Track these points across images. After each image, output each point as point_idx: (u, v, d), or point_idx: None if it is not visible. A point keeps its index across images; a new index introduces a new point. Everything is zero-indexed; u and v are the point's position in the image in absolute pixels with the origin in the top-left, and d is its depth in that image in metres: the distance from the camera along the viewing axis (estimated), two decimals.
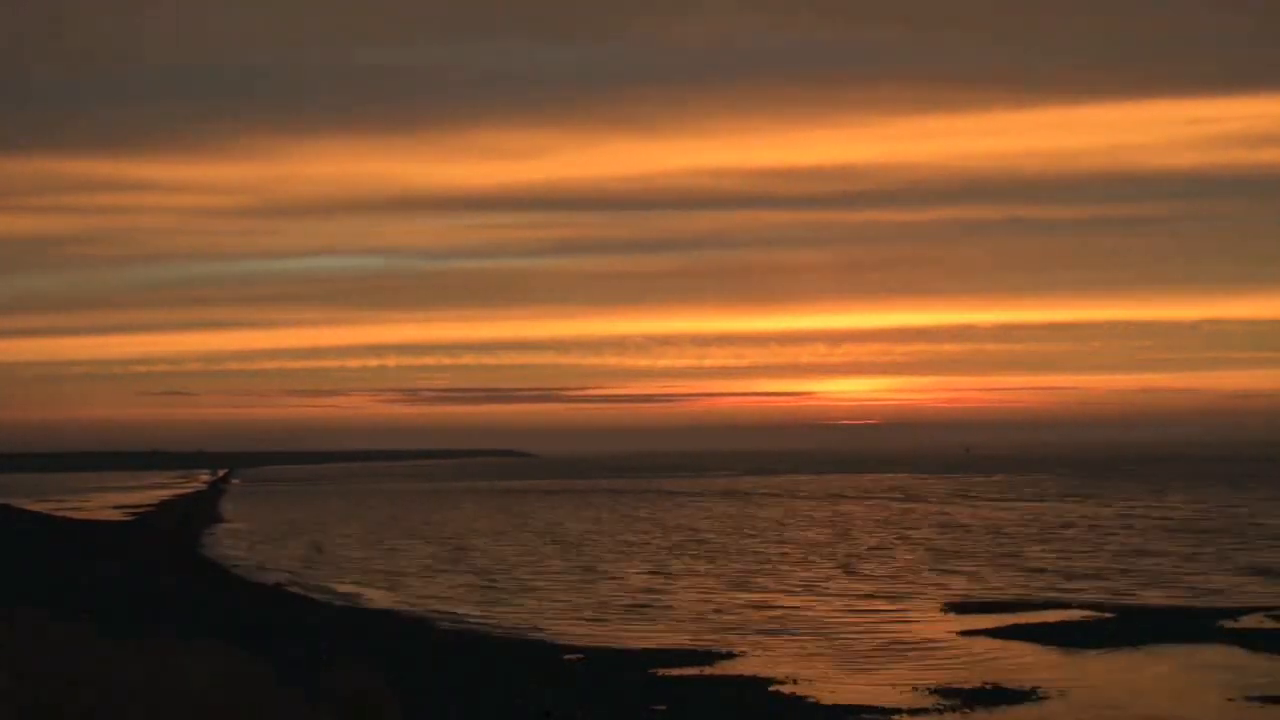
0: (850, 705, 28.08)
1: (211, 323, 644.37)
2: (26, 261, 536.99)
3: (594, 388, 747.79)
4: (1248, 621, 39.69)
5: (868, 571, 58.12)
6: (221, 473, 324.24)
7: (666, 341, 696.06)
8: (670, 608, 46.57)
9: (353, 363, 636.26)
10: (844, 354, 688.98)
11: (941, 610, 44.17)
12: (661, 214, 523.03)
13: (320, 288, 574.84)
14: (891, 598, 48.44)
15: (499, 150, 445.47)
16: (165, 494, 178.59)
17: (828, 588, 52.19)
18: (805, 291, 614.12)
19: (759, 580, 55.23)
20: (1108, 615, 41.62)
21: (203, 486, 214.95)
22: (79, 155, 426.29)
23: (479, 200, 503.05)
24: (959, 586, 51.51)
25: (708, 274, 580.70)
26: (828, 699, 28.75)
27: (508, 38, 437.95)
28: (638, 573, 59.49)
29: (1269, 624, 39.17)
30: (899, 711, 27.38)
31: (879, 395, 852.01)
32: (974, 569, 58.07)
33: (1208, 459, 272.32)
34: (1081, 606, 44.10)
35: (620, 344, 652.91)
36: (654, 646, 37.07)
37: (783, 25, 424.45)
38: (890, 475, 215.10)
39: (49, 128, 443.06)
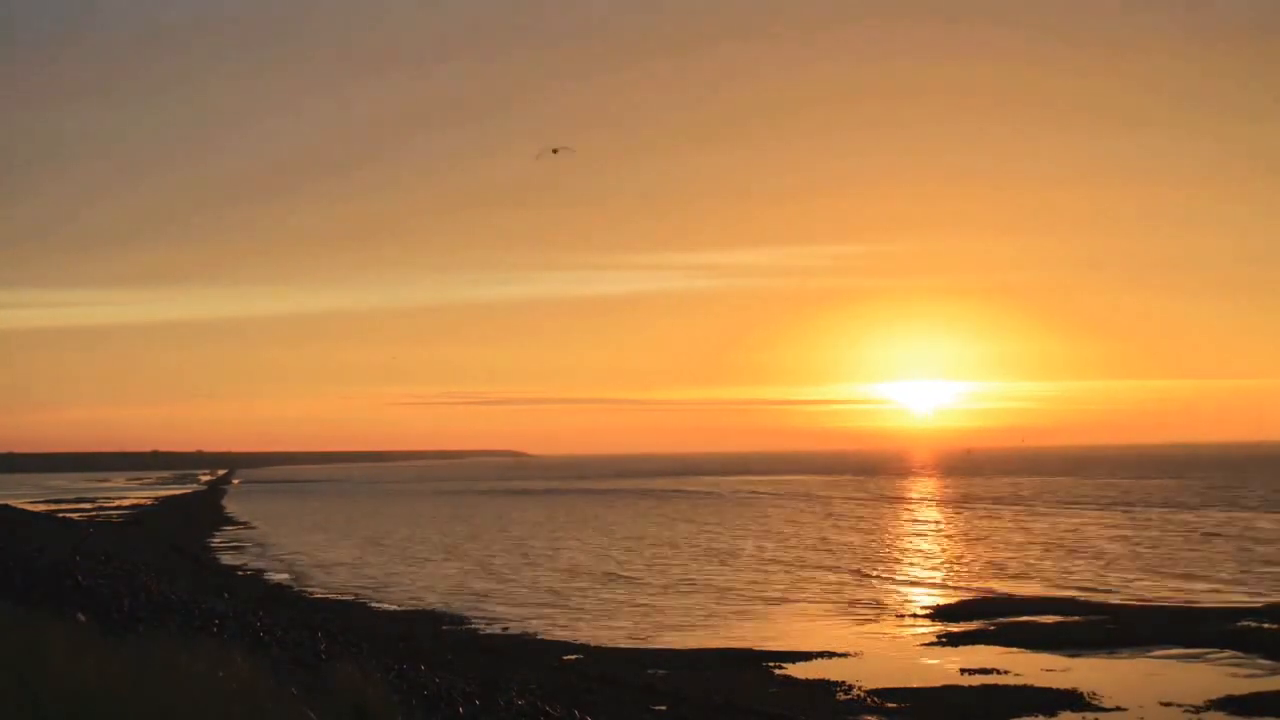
0: (851, 704, 28.14)
1: None
2: None
3: None
4: (1246, 622, 39.70)
5: (864, 571, 58.22)
6: (221, 473, 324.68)
7: None
8: (672, 610, 46.68)
9: None
10: None
11: (937, 613, 44.20)
12: None
13: None
14: (892, 599, 48.57)
15: None
16: (165, 493, 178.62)
17: (829, 586, 52.29)
18: None
19: (762, 581, 55.30)
20: (1103, 617, 41.63)
21: (203, 487, 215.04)
22: None
23: None
24: (953, 587, 51.60)
25: None
26: (827, 698, 28.79)
27: None
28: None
29: (1267, 625, 39.18)
30: (900, 711, 27.43)
31: None
32: (963, 569, 58.17)
33: None
34: (1077, 609, 44.15)
35: None
36: (654, 647, 37.16)
37: None
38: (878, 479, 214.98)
39: None
